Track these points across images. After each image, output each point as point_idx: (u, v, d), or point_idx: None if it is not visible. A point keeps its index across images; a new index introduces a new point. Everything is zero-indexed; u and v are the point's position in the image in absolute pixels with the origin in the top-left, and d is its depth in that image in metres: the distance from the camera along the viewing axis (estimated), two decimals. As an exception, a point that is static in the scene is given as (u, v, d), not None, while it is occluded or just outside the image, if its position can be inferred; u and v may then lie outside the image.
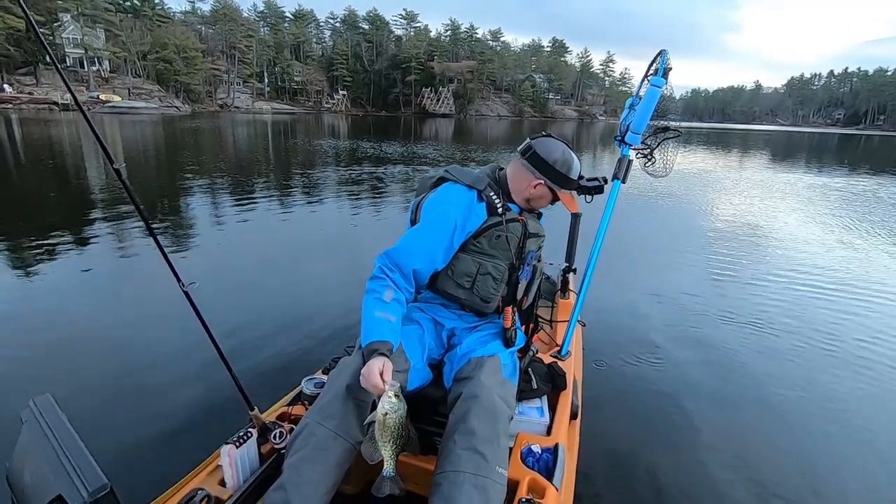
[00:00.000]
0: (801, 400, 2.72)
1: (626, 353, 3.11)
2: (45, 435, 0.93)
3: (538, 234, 1.59)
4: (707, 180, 12.78)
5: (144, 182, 9.86)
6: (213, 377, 2.44)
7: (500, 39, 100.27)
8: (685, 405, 2.61)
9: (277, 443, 1.38)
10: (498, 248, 1.48)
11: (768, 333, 3.53)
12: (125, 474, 1.83)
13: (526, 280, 1.55)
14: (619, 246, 5.92)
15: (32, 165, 11.23)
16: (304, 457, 1.16)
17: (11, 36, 45.09)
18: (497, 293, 1.50)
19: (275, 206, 7.36)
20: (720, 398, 2.71)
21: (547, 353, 1.94)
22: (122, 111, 44.88)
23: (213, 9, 73.00)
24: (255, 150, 17.27)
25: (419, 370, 1.43)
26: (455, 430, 1.22)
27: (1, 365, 2.67)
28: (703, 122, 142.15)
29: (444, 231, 1.42)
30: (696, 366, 3.04)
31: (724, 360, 3.14)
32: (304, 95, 78.99)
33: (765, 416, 2.57)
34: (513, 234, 1.49)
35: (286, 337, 3.09)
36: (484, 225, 1.47)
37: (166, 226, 6.05)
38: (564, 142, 1.53)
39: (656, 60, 1.84)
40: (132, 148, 16.67)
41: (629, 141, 1.87)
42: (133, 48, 55.68)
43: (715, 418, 2.52)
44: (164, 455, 2.01)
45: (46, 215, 6.44)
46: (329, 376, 1.36)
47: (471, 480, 1.12)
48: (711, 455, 2.23)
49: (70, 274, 4.15)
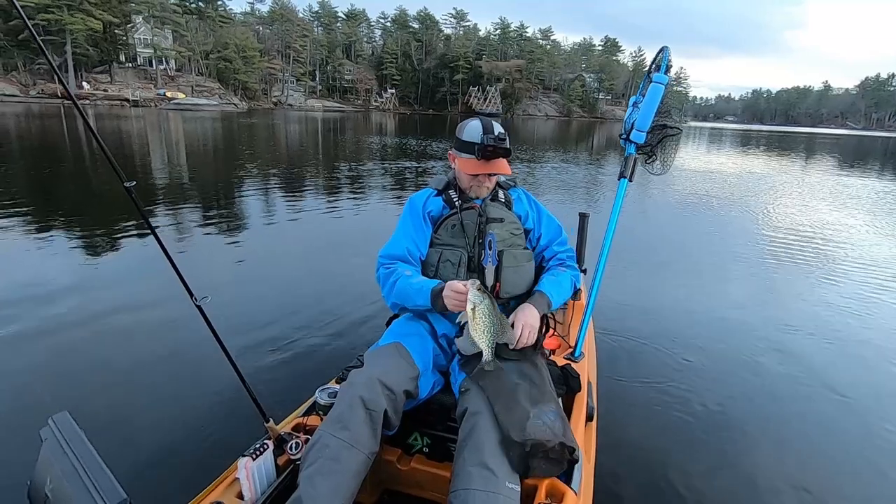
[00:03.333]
0: (840, 410, 2.64)
1: (642, 354, 3.09)
2: (64, 452, 0.95)
3: (502, 218, 1.61)
4: (762, 184, 12.26)
5: (198, 174, 10.54)
6: (228, 389, 2.47)
7: (550, 38, 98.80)
8: (704, 407, 2.58)
9: (293, 454, 1.39)
10: (456, 235, 1.59)
11: (801, 340, 3.46)
12: (143, 489, 1.86)
13: (492, 264, 1.54)
14: (656, 249, 5.89)
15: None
16: (319, 469, 1.17)
17: (90, 37, 48.67)
18: (457, 279, 1.50)
19: (309, 206, 7.39)
20: (741, 400, 2.67)
21: (560, 356, 1.94)
22: (185, 108, 47.57)
23: (270, 9, 76.03)
24: (304, 147, 17.96)
25: (428, 377, 1.46)
26: (464, 447, 1.23)
27: (18, 381, 2.68)
28: (764, 125, 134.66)
29: (412, 217, 1.63)
30: (720, 369, 2.99)
31: (751, 364, 3.09)
32: (353, 94, 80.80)
33: (793, 422, 2.51)
34: (469, 222, 1.58)
35: (300, 345, 3.09)
36: (443, 217, 1.63)
37: (205, 224, 6.39)
38: (482, 117, 1.60)
39: (658, 57, 1.89)
40: (193, 142, 17.75)
41: (634, 139, 1.90)
42: (197, 48, 58.80)
43: (736, 420, 2.48)
44: (182, 468, 2.03)
45: (88, 211, 6.94)
46: (341, 388, 1.37)
47: (481, 498, 1.12)
48: (733, 458, 2.20)
49: (83, 284, 4.05)
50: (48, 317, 3.37)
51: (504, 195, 1.69)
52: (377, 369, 1.34)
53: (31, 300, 3.65)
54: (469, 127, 1.58)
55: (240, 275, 4.49)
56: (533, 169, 13.16)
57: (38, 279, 4.05)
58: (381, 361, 1.39)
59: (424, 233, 1.61)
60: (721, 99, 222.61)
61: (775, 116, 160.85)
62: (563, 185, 10.63)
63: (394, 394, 1.31)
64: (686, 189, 10.63)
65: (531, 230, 1.69)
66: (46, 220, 5.94)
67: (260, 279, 4.35)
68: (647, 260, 5.22)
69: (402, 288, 1.49)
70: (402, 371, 1.37)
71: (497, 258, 1.55)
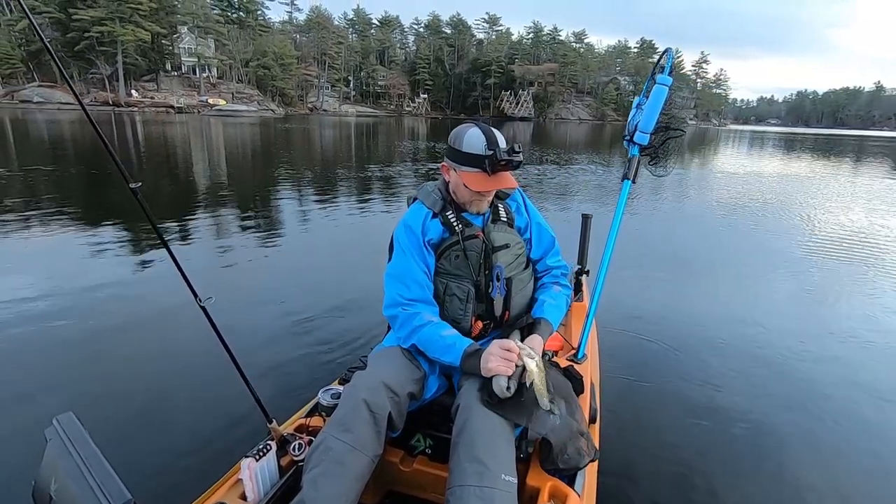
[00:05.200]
0: (841, 412, 2.61)
1: (645, 355, 3.09)
2: (68, 452, 0.95)
3: (508, 244, 1.51)
4: (807, 189, 11.81)
5: (238, 177, 10.99)
6: (231, 390, 2.50)
7: (583, 41, 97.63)
8: (708, 408, 2.57)
9: (296, 455, 1.39)
10: (460, 267, 1.47)
11: (800, 340, 3.41)
12: (147, 489, 1.86)
13: (501, 295, 1.49)
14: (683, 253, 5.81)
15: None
16: (323, 471, 1.16)
17: (139, 47, 51.24)
18: (466, 314, 1.46)
19: (327, 208, 7.49)
20: (746, 401, 2.66)
21: (563, 357, 1.92)
22: (226, 114, 49.36)
23: (307, 18, 78.13)
24: (338, 151, 18.40)
25: (433, 379, 1.44)
26: (458, 443, 1.22)
27: (22, 381, 2.69)
28: (810, 128, 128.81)
29: (416, 247, 1.47)
30: (724, 370, 2.98)
31: (758, 365, 3.06)
32: (386, 99, 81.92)
33: (798, 423, 2.50)
34: (473, 252, 1.46)
35: (303, 346, 3.09)
36: (444, 245, 1.48)
37: (236, 224, 6.63)
38: (478, 124, 1.44)
39: (662, 58, 1.89)
40: (232, 146, 18.49)
41: (638, 140, 1.89)
42: (238, 56, 60.96)
43: (741, 422, 2.47)
44: (186, 469, 2.03)
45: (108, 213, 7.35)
46: (344, 390, 1.35)
47: (476, 493, 1.11)
48: (737, 459, 2.20)
49: (88, 285, 4.04)
50: (46, 315, 3.40)
51: (504, 209, 1.56)
52: (381, 371, 1.33)
53: (58, 296, 3.72)
54: (469, 137, 1.40)
55: (247, 274, 4.52)
56: (561, 170, 13.12)
57: (75, 274, 4.21)
58: (385, 363, 1.38)
59: (429, 264, 1.48)
60: (763, 101, 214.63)
61: (822, 119, 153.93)
62: (589, 186, 10.58)
63: (398, 396, 1.29)
64: (709, 192, 10.40)
65: (528, 239, 1.61)
66: (83, 220, 6.32)
67: (266, 279, 4.38)
68: (652, 261, 5.18)
69: (428, 337, 1.37)
70: (406, 373, 1.35)
71: (506, 288, 1.50)
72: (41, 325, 3.30)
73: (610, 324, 3.29)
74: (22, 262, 4.63)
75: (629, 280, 4.35)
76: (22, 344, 3.07)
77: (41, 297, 3.75)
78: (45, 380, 2.72)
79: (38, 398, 2.53)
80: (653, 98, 1.87)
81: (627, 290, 4.10)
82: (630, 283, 4.28)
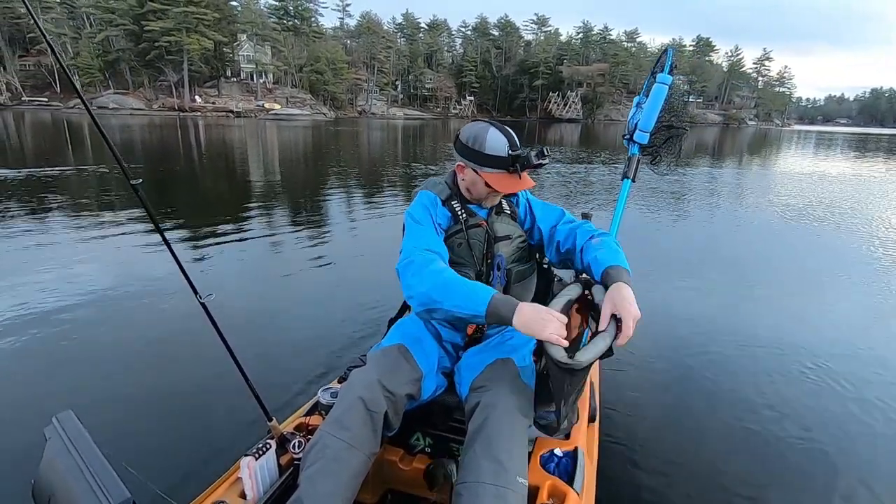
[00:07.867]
0: (829, 413, 2.59)
1: (645, 355, 3.08)
2: (68, 450, 0.95)
3: (509, 235, 1.55)
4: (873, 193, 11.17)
5: (289, 177, 11.52)
6: (231, 389, 2.51)
7: (635, 40, 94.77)
8: (707, 408, 2.58)
9: (296, 453, 1.39)
10: (463, 255, 1.51)
11: (801, 341, 3.36)
12: (147, 488, 2.01)
13: (501, 285, 1.53)
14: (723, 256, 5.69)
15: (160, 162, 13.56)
16: (320, 469, 1.17)
17: (203, 55, 54.41)
18: None
19: (350, 210, 7.51)
20: (745, 402, 2.66)
21: None
22: (281, 118, 51.46)
23: (358, 23, 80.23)
24: (384, 153, 18.81)
25: (432, 379, 1.44)
26: (475, 440, 1.22)
27: (22, 380, 2.69)
28: (885, 128, 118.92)
29: (425, 219, 1.48)
30: (722, 370, 2.98)
31: (755, 366, 3.04)
32: (433, 101, 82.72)
33: (786, 422, 2.49)
34: (475, 241, 1.50)
35: (304, 345, 3.11)
36: (448, 231, 1.52)
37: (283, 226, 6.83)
38: (492, 123, 1.46)
39: (662, 57, 1.94)
40: (286, 148, 19.38)
41: (638, 139, 1.95)
42: (292, 62, 63.50)
43: (740, 422, 2.48)
44: (185, 468, 2.03)
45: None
46: (342, 388, 1.36)
47: (491, 491, 1.12)
48: (737, 460, 2.21)
49: (90, 285, 4.03)
50: (45, 314, 3.39)
51: (507, 202, 1.60)
52: (378, 371, 1.33)
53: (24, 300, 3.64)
54: (491, 139, 1.41)
55: (249, 273, 4.50)
56: (606, 170, 13.08)
57: (76, 274, 4.19)
58: (383, 363, 1.38)
59: (439, 233, 1.50)
60: (832, 99, 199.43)
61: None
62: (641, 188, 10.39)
63: (394, 396, 1.30)
64: (748, 194, 10.02)
65: (529, 228, 1.62)
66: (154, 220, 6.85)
67: (268, 278, 4.38)
68: (653, 261, 5.09)
69: (448, 280, 1.28)
70: (403, 373, 1.36)
71: (506, 278, 1.54)
72: (41, 324, 3.29)
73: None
74: (21, 261, 4.58)
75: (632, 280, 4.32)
76: (21, 343, 3.06)
77: (41, 295, 3.74)
78: (45, 378, 2.72)
79: (38, 396, 2.53)
80: (653, 97, 1.93)
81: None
82: (632, 283, 4.25)
